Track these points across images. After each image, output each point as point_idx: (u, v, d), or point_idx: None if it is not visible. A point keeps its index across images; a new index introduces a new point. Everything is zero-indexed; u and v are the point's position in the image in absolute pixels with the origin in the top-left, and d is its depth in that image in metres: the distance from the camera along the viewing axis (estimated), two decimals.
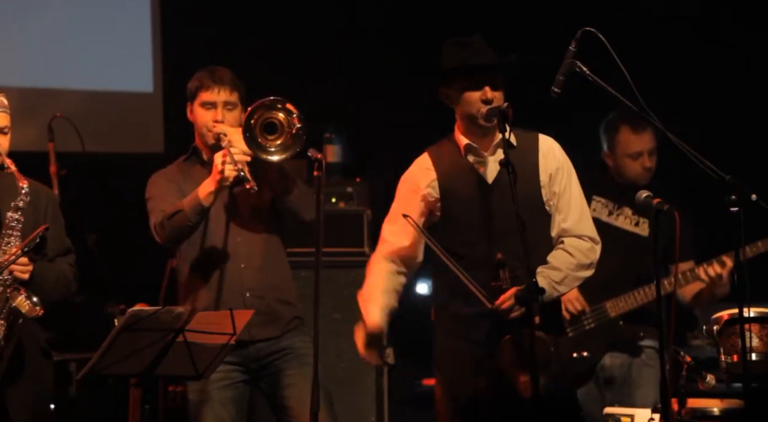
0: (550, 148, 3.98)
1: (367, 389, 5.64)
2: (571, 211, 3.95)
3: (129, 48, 6.63)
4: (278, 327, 4.15)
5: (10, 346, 3.80)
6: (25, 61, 6.37)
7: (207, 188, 4.01)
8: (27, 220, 3.91)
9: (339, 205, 5.78)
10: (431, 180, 3.96)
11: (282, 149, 4.01)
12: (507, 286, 3.77)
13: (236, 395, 4.12)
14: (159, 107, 6.63)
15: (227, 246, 4.13)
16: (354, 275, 5.66)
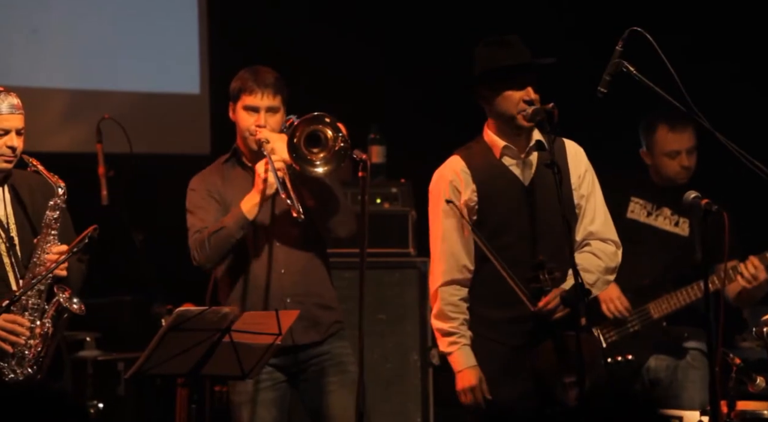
0: (576, 152, 3.97)
1: (413, 390, 5.64)
2: (597, 214, 3.93)
3: (176, 50, 6.68)
4: (319, 332, 4.14)
5: (53, 343, 3.84)
6: (75, 63, 6.43)
7: (250, 201, 4.00)
8: (38, 211, 3.95)
9: (383, 206, 5.78)
10: (470, 186, 3.92)
11: (324, 163, 4.00)
12: (549, 288, 3.75)
13: (278, 396, 4.12)
14: (206, 109, 6.67)
15: (267, 251, 4.13)
16: (398, 276, 5.67)
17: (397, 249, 5.75)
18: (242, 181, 4.16)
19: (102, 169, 5.44)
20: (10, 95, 3.92)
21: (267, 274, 4.11)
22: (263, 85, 4.11)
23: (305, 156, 3.99)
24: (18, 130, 3.90)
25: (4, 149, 3.87)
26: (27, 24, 6.31)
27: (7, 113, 3.88)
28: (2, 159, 3.87)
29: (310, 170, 3.99)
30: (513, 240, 3.88)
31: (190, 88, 6.69)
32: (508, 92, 3.86)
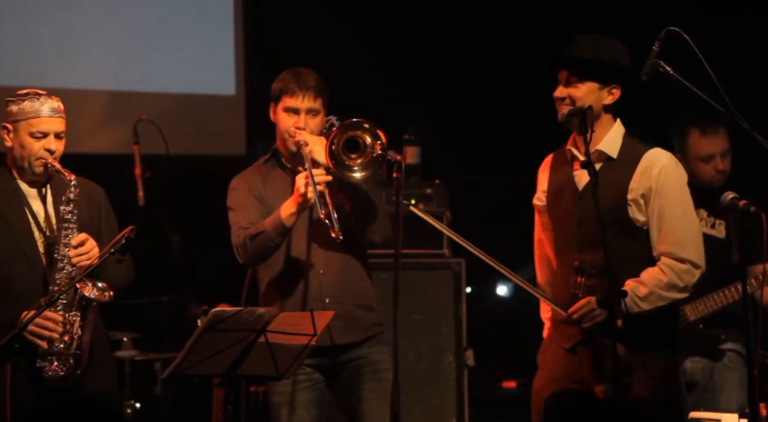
0: (649, 167, 3.83)
1: (448, 391, 5.63)
2: (669, 233, 3.81)
3: (212, 52, 6.72)
4: (358, 333, 4.14)
5: (87, 335, 3.87)
6: (113, 65, 6.48)
7: (288, 209, 3.99)
8: (82, 215, 3.99)
9: (418, 207, 5.78)
10: (542, 186, 3.97)
11: (362, 168, 4.01)
12: (582, 295, 3.74)
13: (317, 397, 4.13)
14: (241, 110, 6.70)
15: (306, 252, 4.13)
16: (433, 276, 5.66)
17: (432, 250, 5.74)
18: (282, 182, 4.17)
19: (139, 170, 5.47)
20: (50, 98, 3.96)
21: (306, 275, 4.11)
22: (304, 87, 4.11)
23: (343, 161, 3.98)
24: (57, 133, 3.93)
25: (42, 152, 3.90)
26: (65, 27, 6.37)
27: (47, 116, 3.92)
28: (40, 162, 3.91)
29: (348, 175, 3.98)
30: (565, 243, 3.88)
31: (225, 89, 6.72)
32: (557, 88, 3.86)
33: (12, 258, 3.88)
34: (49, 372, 3.82)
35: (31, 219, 3.93)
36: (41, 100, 3.92)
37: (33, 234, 3.92)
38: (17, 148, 3.92)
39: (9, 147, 3.94)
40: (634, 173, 3.83)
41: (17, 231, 3.90)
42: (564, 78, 3.83)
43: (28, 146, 3.90)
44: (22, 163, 3.92)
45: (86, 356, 3.86)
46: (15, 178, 3.96)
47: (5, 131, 3.94)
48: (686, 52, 3.62)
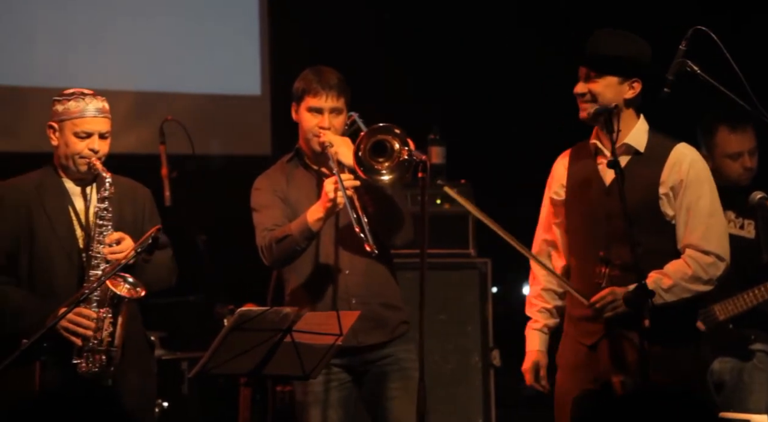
0: (678, 161, 3.84)
1: (474, 391, 5.62)
2: (696, 226, 3.83)
3: (238, 52, 6.74)
4: (385, 333, 4.14)
5: (120, 332, 3.88)
6: (139, 65, 6.51)
7: (316, 214, 3.99)
8: (126, 215, 4.01)
9: (444, 207, 5.77)
10: (561, 180, 3.96)
11: (389, 172, 4.00)
12: (605, 284, 3.73)
13: (344, 396, 4.13)
14: (267, 110, 6.72)
15: (331, 253, 4.12)
16: (459, 276, 5.65)
17: (458, 249, 5.74)
18: (305, 181, 4.17)
19: (165, 170, 5.49)
20: (96, 98, 3.98)
21: (332, 276, 4.11)
22: (327, 86, 4.10)
23: (371, 165, 3.98)
24: (102, 133, 3.96)
25: (86, 151, 3.93)
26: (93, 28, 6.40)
27: (91, 116, 3.95)
28: (83, 161, 3.94)
29: (376, 179, 3.98)
30: (588, 237, 3.87)
31: (251, 89, 6.74)
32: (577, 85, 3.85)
33: (53, 254, 3.92)
34: (82, 369, 3.84)
35: (74, 217, 3.96)
36: (86, 100, 3.95)
37: (74, 232, 3.95)
38: (62, 146, 3.95)
39: (55, 146, 3.98)
40: (663, 167, 3.84)
41: (59, 228, 3.93)
42: (584, 74, 3.83)
43: (73, 145, 3.93)
44: (67, 162, 3.96)
45: (119, 353, 3.88)
46: (60, 176, 4.00)
47: (51, 130, 3.98)
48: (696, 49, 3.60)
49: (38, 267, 3.92)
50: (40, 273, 3.91)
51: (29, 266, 3.92)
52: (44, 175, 4.01)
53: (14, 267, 3.92)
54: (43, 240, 3.92)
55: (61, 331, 3.82)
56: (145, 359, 4.09)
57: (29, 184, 3.99)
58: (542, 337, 4.02)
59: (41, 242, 3.92)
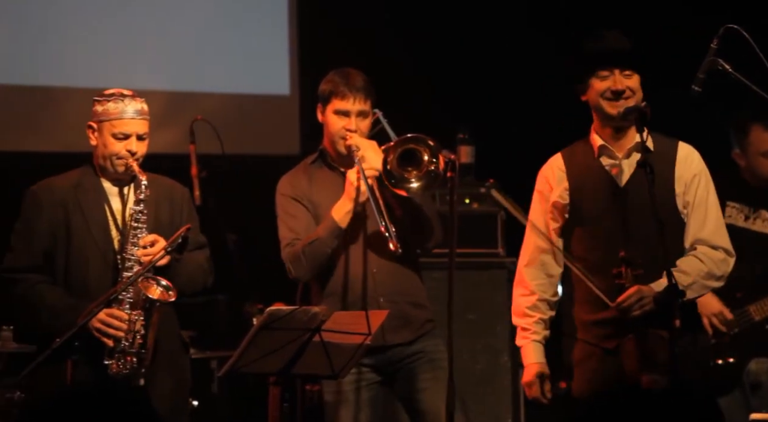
0: (687, 156, 3.88)
1: (503, 390, 5.61)
2: (707, 221, 3.85)
3: (267, 52, 6.76)
4: (411, 331, 4.15)
5: (151, 335, 3.90)
6: (169, 66, 6.55)
7: (343, 209, 4.01)
8: (163, 216, 4.03)
9: (473, 206, 5.76)
10: (562, 184, 3.93)
11: (417, 179, 3.99)
12: (629, 284, 3.71)
13: (372, 396, 4.14)
14: (295, 110, 6.74)
15: (358, 252, 4.13)
16: (488, 276, 5.64)
17: (486, 249, 5.72)
18: (329, 182, 4.18)
19: (195, 170, 5.51)
20: (135, 100, 4.00)
21: (359, 274, 4.12)
22: (354, 89, 4.11)
23: (399, 174, 3.98)
24: (140, 134, 3.98)
25: (124, 152, 3.95)
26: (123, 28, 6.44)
27: (130, 118, 3.97)
28: (121, 162, 3.96)
29: (405, 187, 3.98)
30: (602, 240, 3.85)
31: (280, 89, 6.76)
32: (595, 81, 3.83)
33: (88, 254, 3.95)
34: (113, 370, 3.86)
35: (110, 217, 3.99)
36: (125, 102, 3.97)
37: (110, 232, 3.98)
38: (101, 147, 3.98)
39: (94, 146, 4.01)
40: (675, 164, 3.86)
41: (95, 228, 3.96)
42: (618, 71, 3.80)
43: (110, 146, 3.96)
44: (105, 163, 3.98)
45: (149, 355, 3.89)
46: (99, 176, 4.03)
47: (90, 130, 4.01)
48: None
49: (73, 267, 3.94)
50: (75, 272, 3.94)
51: (65, 265, 3.95)
52: (83, 174, 4.04)
53: (51, 266, 3.96)
54: (79, 240, 3.94)
55: (93, 332, 3.84)
56: (180, 360, 4.10)
57: (67, 183, 4.02)
58: (541, 349, 3.98)
59: (77, 242, 3.95)
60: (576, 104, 3.99)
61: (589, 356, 3.89)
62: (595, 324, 3.85)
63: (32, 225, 3.96)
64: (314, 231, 4.06)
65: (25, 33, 6.26)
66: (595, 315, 3.84)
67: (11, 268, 3.95)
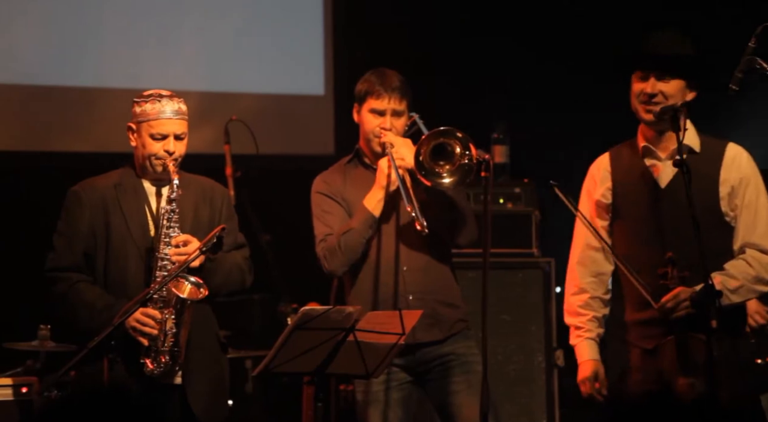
0: (735, 158, 3.83)
1: (538, 391, 5.59)
2: (756, 224, 3.80)
3: (302, 52, 6.77)
4: (442, 330, 4.14)
5: (183, 333, 3.92)
6: (204, 66, 6.58)
7: (374, 197, 4.02)
8: (202, 216, 4.05)
9: (507, 206, 5.75)
10: (606, 183, 3.92)
11: (450, 174, 3.99)
12: (674, 285, 3.69)
13: (403, 396, 4.13)
14: (330, 110, 6.75)
15: (390, 249, 4.13)
16: (522, 276, 5.62)
17: (521, 249, 5.70)
18: (364, 180, 4.19)
19: (229, 170, 5.54)
20: (173, 100, 4.01)
21: (390, 272, 4.12)
22: (390, 88, 4.12)
23: (432, 168, 3.98)
24: (177, 135, 3.99)
25: (162, 153, 3.97)
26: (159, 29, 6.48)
27: (167, 118, 3.98)
28: (159, 162, 3.98)
29: (437, 182, 3.99)
30: (644, 240, 3.83)
31: (314, 89, 6.77)
32: (634, 83, 3.81)
33: (128, 253, 3.97)
34: (149, 368, 3.88)
35: (149, 217, 4.01)
36: (163, 102, 3.99)
37: (148, 232, 4.00)
38: (140, 147, 4.01)
39: (134, 146, 4.03)
40: (722, 165, 3.81)
41: (134, 228, 3.98)
42: (655, 74, 3.78)
43: (149, 147, 3.98)
44: (144, 163, 4.01)
45: (182, 353, 3.91)
46: (139, 176, 4.05)
47: (130, 131, 4.03)
48: None
49: (113, 266, 3.97)
50: (115, 271, 3.97)
51: (104, 264, 3.97)
52: (123, 174, 4.06)
53: (91, 265, 3.99)
54: (118, 240, 3.97)
55: (129, 331, 3.87)
56: (218, 360, 4.11)
57: (108, 183, 4.05)
58: (595, 346, 3.97)
59: (116, 241, 3.97)
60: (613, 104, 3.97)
61: (627, 355, 3.88)
62: (637, 324, 3.85)
63: (74, 225, 4.00)
64: (347, 223, 4.07)
65: (63, 35, 6.32)
66: (637, 314, 3.83)
67: (53, 267, 3.99)
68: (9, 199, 6.01)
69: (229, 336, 4.99)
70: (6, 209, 5.98)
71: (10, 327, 5.04)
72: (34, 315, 4.75)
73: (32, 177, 6.04)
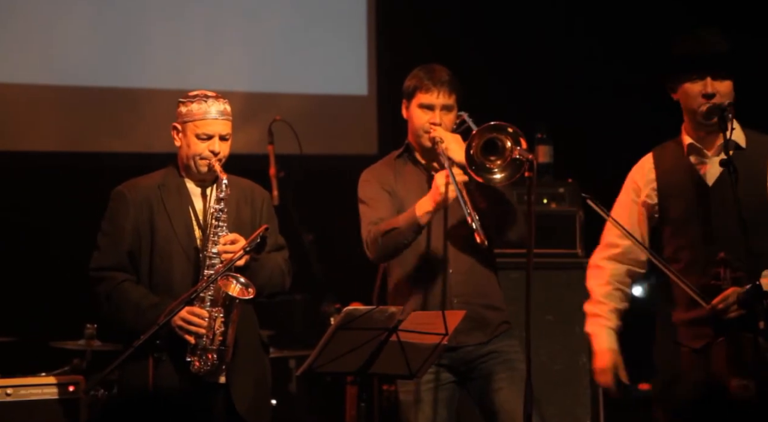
0: None
1: (582, 392, 5.56)
2: None
3: (345, 53, 6.79)
4: (485, 333, 4.13)
5: (231, 332, 3.93)
6: (248, 67, 6.62)
7: (425, 207, 4.00)
8: (244, 216, 4.07)
9: (551, 206, 5.72)
10: (651, 184, 3.89)
11: (501, 170, 3.98)
12: (726, 286, 3.65)
13: (446, 396, 4.13)
14: (373, 110, 6.76)
15: (437, 251, 4.13)
16: (566, 276, 5.59)
17: (565, 249, 5.67)
18: (414, 177, 4.19)
19: (273, 170, 5.56)
20: (218, 101, 4.04)
21: (436, 274, 4.12)
22: (439, 83, 4.12)
23: (483, 164, 3.97)
24: (222, 135, 4.02)
25: (206, 153, 4.00)
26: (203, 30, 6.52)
27: (213, 118, 4.01)
28: (204, 162, 4.01)
29: (489, 178, 3.97)
30: (691, 239, 3.80)
31: (358, 89, 6.79)
32: (687, 84, 3.78)
33: (172, 253, 4.00)
34: (195, 367, 3.91)
35: (193, 217, 4.04)
36: (208, 103, 4.01)
37: (193, 232, 4.02)
38: (184, 147, 4.03)
39: (178, 146, 4.06)
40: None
41: (179, 228, 4.01)
42: (711, 74, 3.75)
43: (194, 147, 4.00)
44: (188, 163, 4.03)
45: (230, 352, 3.93)
46: (182, 176, 4.08)
47: (175, 131, 4.06)
48: None
49: (158, 266, 4.00)
50: (160, 271, 4.00)
51: (149, 264, 4.01)
52: (167, 174, 4.09)
53: (136, 265, 4.02)
54: (163, 239, 4.00)
55: (175, 329, 3.90)
56: (260, 359, 4.13)
57: (152, 183, 4.08)
58: (614, 336, 3.95)
59: (161, 241, 4.00)
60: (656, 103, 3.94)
61: (676, 355, 3.85)
62: (687, 324, 3.81)
63: (118, 224, 4.03)
64: (395, 220, 4.07)
65: (109, 36, 6.38)
66: (685, 314, 3.80)
67: (98, 267, 4.02)
68: (56, 199, 6.08)
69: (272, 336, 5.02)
70: (53, 209, 6.05)
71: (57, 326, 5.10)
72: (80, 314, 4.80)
73: (78, 177, 6.11)
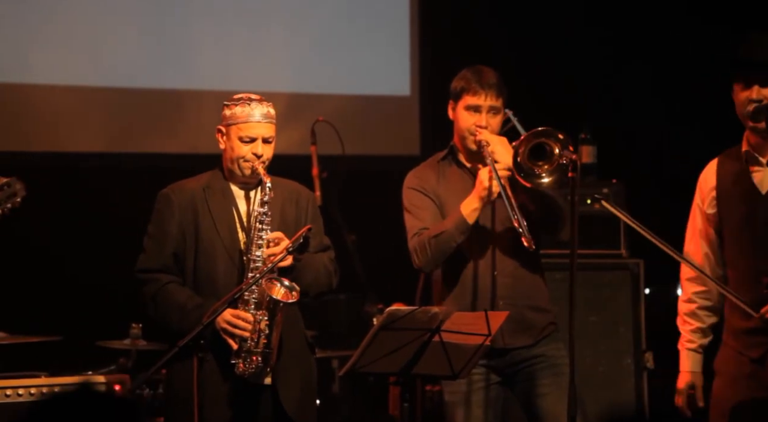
0: None
1: (626, 393, 5.52)
2: None
3: (387, 53, 6.79)
4: (531, 336, 4.11)
5: (275, 334, 3.95)
6: (291, 68, 6.64)
7: (471, 205, 3.99)
8: (288, 217, 4.08)
9: (594, 207, 5.68)
10: (711, 193, 3.86)
11: (548, 174, 3.96)
12: None
13: (492, 397, 4.11)
14: (415, 110, 6.75)
15: (481, 253, 4.11)
16: (609, 277, 5.55)
17: (609, 250, 5.64)
18: (458, 179, 4.18)
19: (316, 170, 5.58)
20: (262, 103, 4.05)
21: (481, 276, 4.10)
22: (487, 85, 4.10)
23: (530, 168, 3.95)
24: (266, 138, 4.04)
25: (250, 155, 4.02)
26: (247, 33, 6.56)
27: (256, 121, 4.02)
28: (248, 165, 4.03)
29: (537, 182, 3.95)
30: (744, 248, 3.77)
31: (400, 89, 6.78)
32: (737, 89, 3.74)
33: (217, 255, 4.02)
34: (240, 369, 3.92)
35: (237, 219, 4.05)
36: (252, 105, 4.03)
37: (237, 234, 4.04)
38: (228, 150, 4.05)
39: (222, 149, 4.09)
40: None
41: (223, 230, 4.03)
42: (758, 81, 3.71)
43: (238, 149, 4.02)
44: (232, 166, 4.05)
45: (274, 354, 3.94)
46: (227, 178, 4.10)
47: (219, 134, 4.08)
48: None
49: (202, 267, 4.02)
50: (204, 273, 4.02)
51: (194, 266, 4.03)
52: (212, 177, 4.12)
53: (180, 267, 4.05)
54: (207, 241, 4.02)
55: (220, 332, 3.91)
56: (306, 360, 4.13)
57: (197, 185, 4.11)
58: (697, 358, 3.93)
59: (205, 243, 4.02)
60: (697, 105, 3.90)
61: (733, 363, 3.81)
62: (744, 332, 3.78)
63: (164, 227, 4.06)
64: (441, 224, 4.06)
65: (152, 37, 6.43)
66: (742, 323, 3.76)
67: (144, 269, 4.05)
68: (101, 199, 6.14)
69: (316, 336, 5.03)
70: (98, 210, 6.11)
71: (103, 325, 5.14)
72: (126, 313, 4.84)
73: (124, 177, 6.16)
